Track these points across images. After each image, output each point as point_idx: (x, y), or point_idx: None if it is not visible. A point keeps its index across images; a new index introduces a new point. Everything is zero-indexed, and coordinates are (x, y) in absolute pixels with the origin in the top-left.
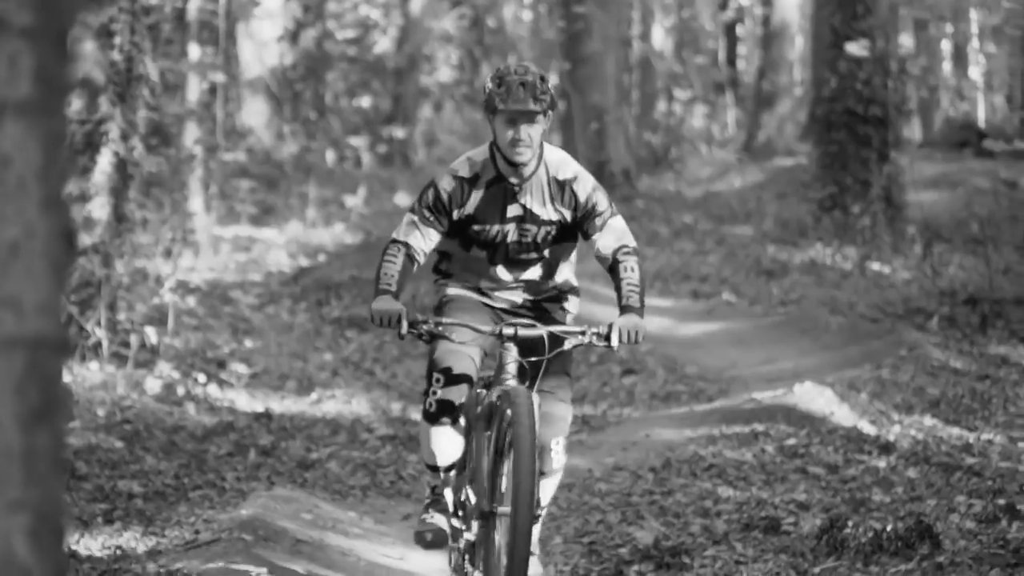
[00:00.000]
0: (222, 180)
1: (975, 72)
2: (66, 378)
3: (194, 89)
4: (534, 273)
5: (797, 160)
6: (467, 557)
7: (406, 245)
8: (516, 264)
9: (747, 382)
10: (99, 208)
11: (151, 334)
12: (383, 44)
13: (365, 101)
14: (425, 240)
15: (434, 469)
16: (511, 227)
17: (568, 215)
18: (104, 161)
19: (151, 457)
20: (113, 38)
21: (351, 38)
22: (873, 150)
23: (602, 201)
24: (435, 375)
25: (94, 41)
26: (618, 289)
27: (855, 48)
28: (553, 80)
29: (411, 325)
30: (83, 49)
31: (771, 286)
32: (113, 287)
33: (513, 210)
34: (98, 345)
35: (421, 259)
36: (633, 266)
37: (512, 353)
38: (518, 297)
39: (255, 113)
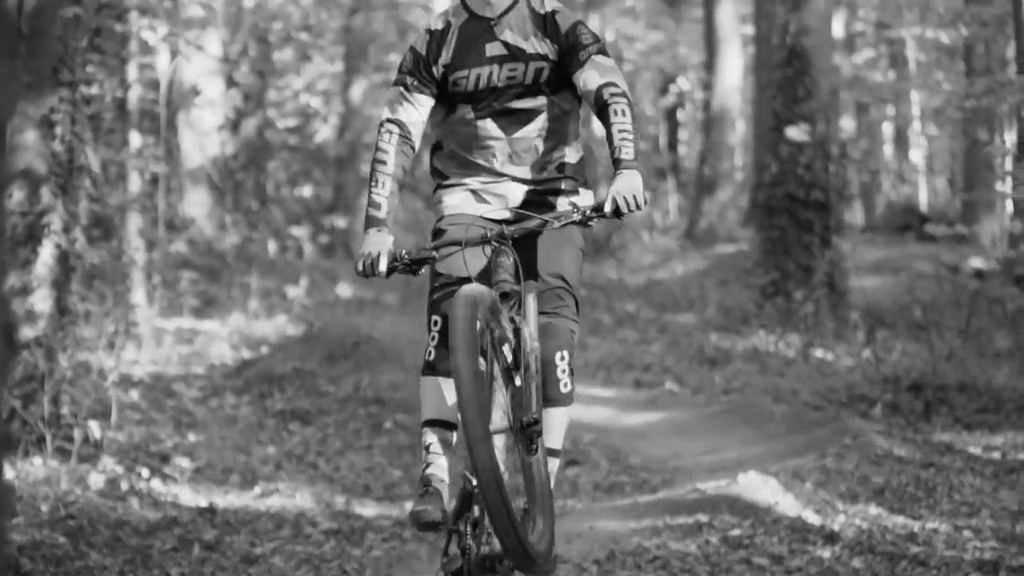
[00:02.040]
0: (164, 271)
1: (916, 155)
2: (9, 474)
3: (136, 180)
4: (530, 130)
5: (739, 246)
6: (463, 535)
7: (398, 124)
8: (506, 117)
9: (691, 472)
10: (41, 301)
11: (95, 428)
12: (324, 132)
13: (307, 190)
14: (418, 109)
15: (431, 424)
16: (494, 68)
17: (552, 50)
18: (46, 253)
19: (95, 553)
20: (54, 128)
21: (292, 127)
22: (815, 235)
23: (586, 35)
24: (433, 318)
25: (35, 131)
26: (610, 139)
27: (796, 132)
28: None
29: (392, 261)
30: (24, 140)
31: (714, 375)
32: (56, 381)
33: (493, 49)
34: (41, 439)
35: (417, 137)
36: (624, 109)
37: (502, 255)
38: (520, 191)
39: (197, 203)
